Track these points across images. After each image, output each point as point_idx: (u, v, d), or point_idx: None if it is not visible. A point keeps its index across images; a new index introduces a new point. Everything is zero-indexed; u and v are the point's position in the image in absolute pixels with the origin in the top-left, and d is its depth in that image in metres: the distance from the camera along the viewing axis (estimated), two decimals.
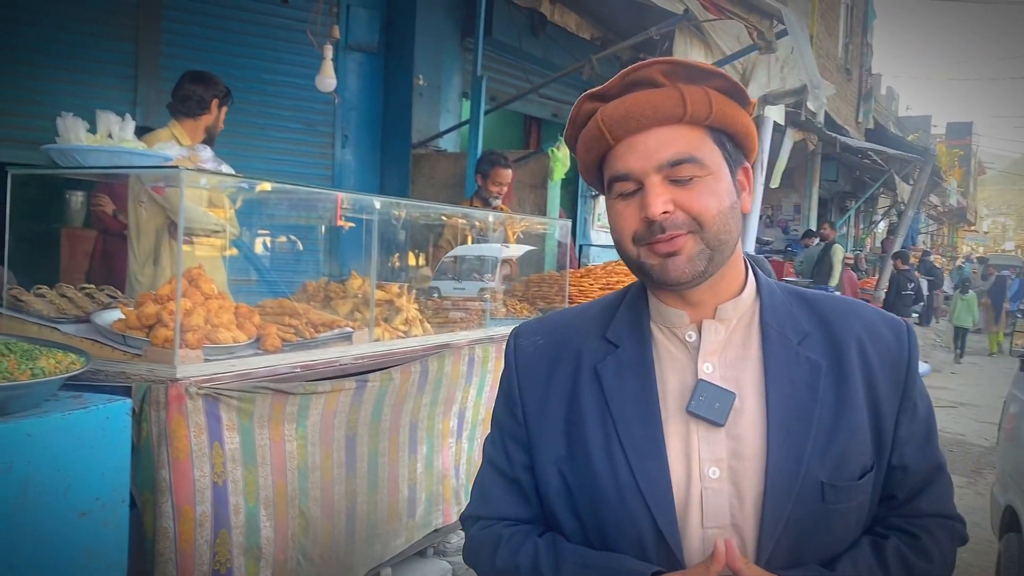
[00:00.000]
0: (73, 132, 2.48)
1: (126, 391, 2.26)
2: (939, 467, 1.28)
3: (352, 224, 4.31)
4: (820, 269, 12.05)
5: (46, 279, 2.98)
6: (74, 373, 1.99)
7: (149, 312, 2.39)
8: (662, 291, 1.24)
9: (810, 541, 1.16)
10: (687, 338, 1.23)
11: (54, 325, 2.52)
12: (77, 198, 5.05)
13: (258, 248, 4.62)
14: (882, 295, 13.02)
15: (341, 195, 3.60)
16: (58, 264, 4.40)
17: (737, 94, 1.22)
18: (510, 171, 5.33)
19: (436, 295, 4.28)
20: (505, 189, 5.32)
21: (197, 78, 3.97)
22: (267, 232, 4.59)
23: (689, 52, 6.04)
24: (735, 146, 1.22)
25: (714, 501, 1.16)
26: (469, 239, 4.81)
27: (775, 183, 9.66)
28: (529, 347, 1.33)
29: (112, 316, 2.54)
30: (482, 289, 4.31)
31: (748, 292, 1.25)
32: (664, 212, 1.14)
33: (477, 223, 4.77)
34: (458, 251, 4.74)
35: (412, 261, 4.60)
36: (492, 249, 4.60)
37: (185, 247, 3.72)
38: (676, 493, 1.16)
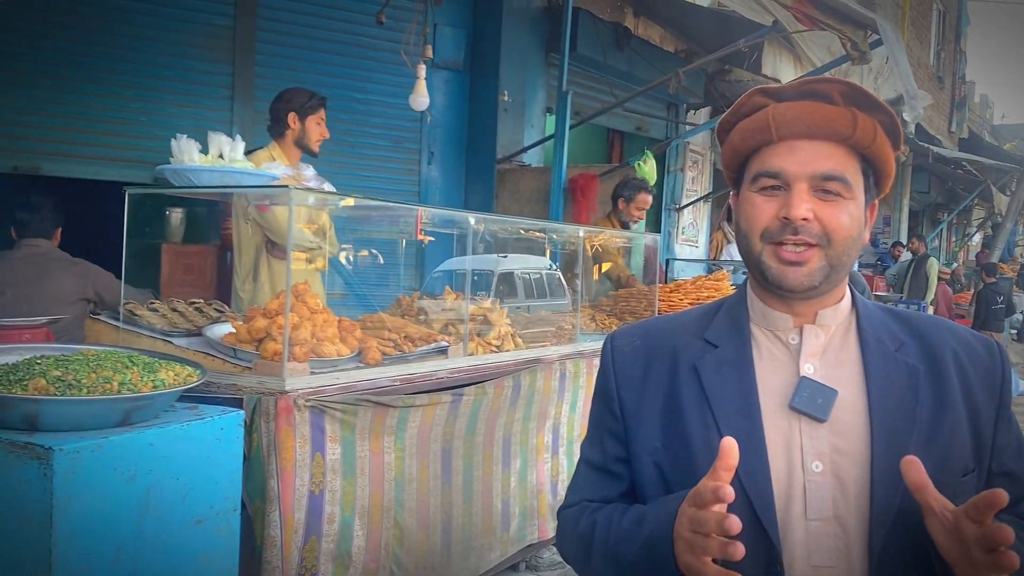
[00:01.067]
0: (187, 153, 2.59)
1: (236, 402, 2.33)
2: None
3: (431, 239, 4.36)
4: (915, 283, 11.66)
5: (153, 294, 3.11)
6: (191, 385, 2.06)
7: (259, 326, 2.47)
8: (769, 295, 1.28)
9: (919, 538, 1.15)
10: (790, 340, 1.27)
11: (167, 338, 2.63)
12: (177, 215, 5.25)
13: (351, 263, 4.72)
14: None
15: (440, 211, 3.66)
16: (159, 279, 4.58)
17: (895, 134, 1.26)
18: (651, 196, 5.55)
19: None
20: (644, 215, 5.54)
21: (276, 98, 4.08)
22: (360, 248, 4.69)
23: (778, 64, 5.95)
24: (875, 182, 1.28)
25: (817, 493, 1.18)
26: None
27: None
28: (626, 347, 1.37)
29: (222, 330, 2.63)
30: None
31: (846, 302, 1.30)
32: (804, 218, 1.19)
33: (554, 236, 4.80)
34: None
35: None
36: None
37: (284, 263, 3.84)
38: (777, 485, 1.19)
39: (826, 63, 5.93)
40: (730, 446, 1.07)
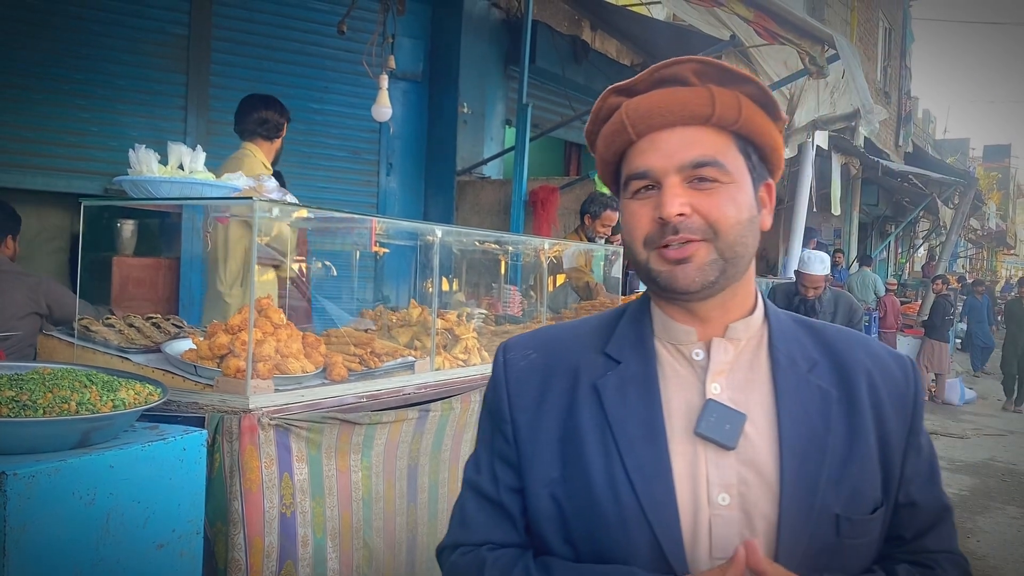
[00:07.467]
0: (145, 163, 2.50)
1: (197, 421, 2.25)
2: (946, 508, 1.23)
3: (387, 250, 4.31)
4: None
5: (107, 310, 3.00)
6: (153, 404, 1.98)
7: (221, 342, 2.39)
8: (671, 305, 1.18)
9: None
10: (694, 356, 1.17)
11: (125, 355, 2.53)
12: (130, 228, 5.12)
13: (310, 276, 4.64)
14: (922, 321, 12.82)
15: (405, 223, 3.60)
16: (111, 293, 4.45)
17: (768, 105, 1.16)
18: (617, 214, 5.46)
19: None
20: (610, 231, 5.47)
21: (270, 103, 3.99)
22: (321, 260, 4.62)
23: None
24: (760, 159, 1.17)
25: (724, 529, 1.09)
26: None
27: (836, 210, 9.69)
28: (520, 361, 1.24)
29: (182, 346, 2.54)
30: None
31: (758, 314, 1.20)
32: (680, 214, 1.08)
33: (510, 248, 4.79)
34: None
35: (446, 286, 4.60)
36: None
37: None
38: (683, 520, 1.09)
39: (783, 77, 6.01)
40: (750, 550, 1.00)
